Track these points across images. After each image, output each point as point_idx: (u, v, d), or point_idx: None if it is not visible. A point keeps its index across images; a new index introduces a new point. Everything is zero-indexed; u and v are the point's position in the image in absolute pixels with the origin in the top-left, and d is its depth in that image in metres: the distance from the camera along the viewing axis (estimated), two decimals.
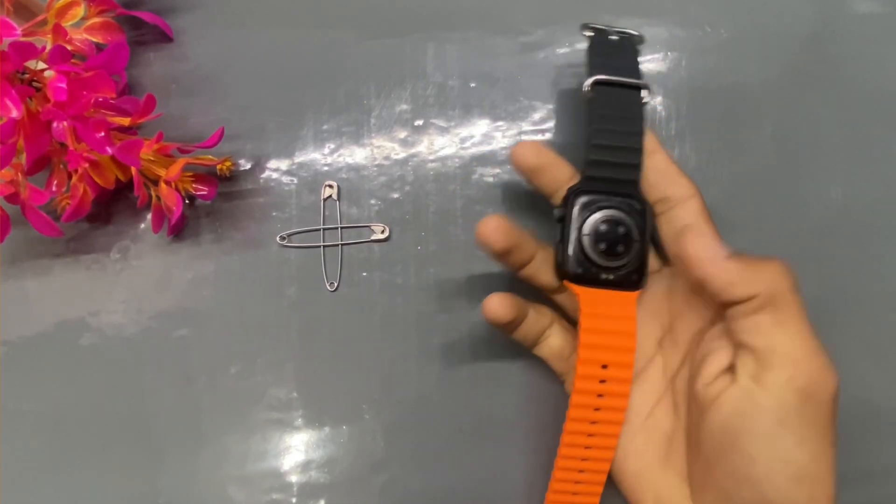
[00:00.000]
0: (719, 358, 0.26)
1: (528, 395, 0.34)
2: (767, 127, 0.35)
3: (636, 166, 0.28)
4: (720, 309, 0.26)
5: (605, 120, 0.28)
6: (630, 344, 0.28)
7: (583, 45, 0.36)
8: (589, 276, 0.28)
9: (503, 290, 0.35)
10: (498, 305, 0.29)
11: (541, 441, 0.33)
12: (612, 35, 0.30)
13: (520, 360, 0.34)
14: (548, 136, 0.35)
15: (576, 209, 0.28)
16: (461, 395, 0.34)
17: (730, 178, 0.34)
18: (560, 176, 0.29)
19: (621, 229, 0.28)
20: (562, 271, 0.29)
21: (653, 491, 0.28)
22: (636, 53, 0.30)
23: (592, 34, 0.30)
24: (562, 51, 0.36)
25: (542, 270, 0.30)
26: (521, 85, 0.35)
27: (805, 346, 0.24)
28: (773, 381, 0.24)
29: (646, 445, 0.29)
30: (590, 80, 0.28)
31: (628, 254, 0.28)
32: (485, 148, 0.35)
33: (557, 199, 0.30)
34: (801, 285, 0.25)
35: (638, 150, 0.28)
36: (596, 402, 0.28)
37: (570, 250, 0.28)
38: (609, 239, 0.28)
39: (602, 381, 0.28)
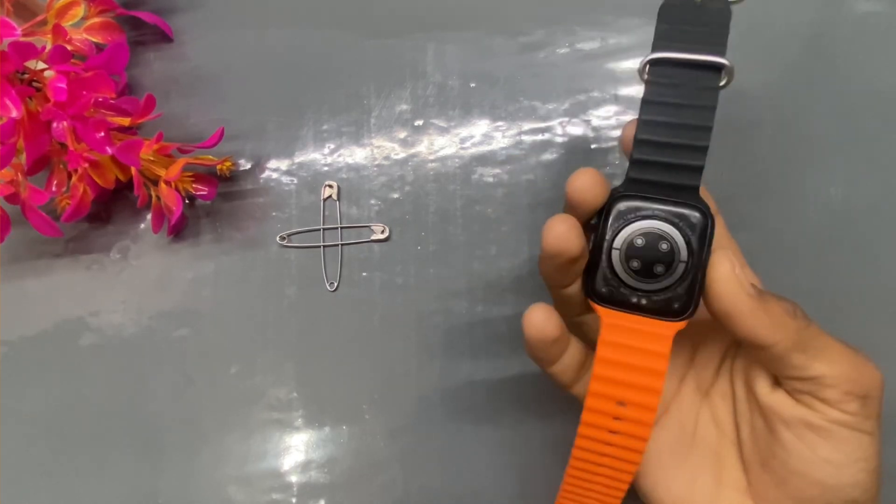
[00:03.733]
0: (765, 377, 0.26)
1: (528, 395, 0.34)
2: (767, 127, 0.35)
3: (696, 169, 0.23)
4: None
5: (657, 109, 0.23)
6: (656, 384, 0.23)
7: (582, 45, 0.36)
8: (617, 297, 0.23)
9: (506, 291, 0.35)
10: (544, 319, 0.24)
11: (541, 441, 0.33)
12: None
13: (520, 359, 0.34)
14: (547, 136, 0.35)
15: (612, 216, 0.23)
16: (461, 395, 0.34)
17: (730, 178, 0.34)
18: None
19: (664, 245, 0.23)
20: (586, 287, 0.24)
21: None
22: (724, 19, 0.23)
23: None
24: (562, 51, 0.36)
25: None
26: (521, 85, 0.35)
27: (845, 360, 0.24)
28: (834, 398, 0.24)
29: (700, 466, 0.27)
30: (646, 59, 0.23)
31: (670, 276, 0.23)
32: (485, 148, 0.35)
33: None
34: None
35: (700, 150, 0.22)
36: (607, 437, 0.24)
37: (598, 264, 0.24)
38: (645, 256, 0.23)
39: (616, 419, 0.24)
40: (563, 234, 0.23)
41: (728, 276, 0.23)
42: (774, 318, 0.23)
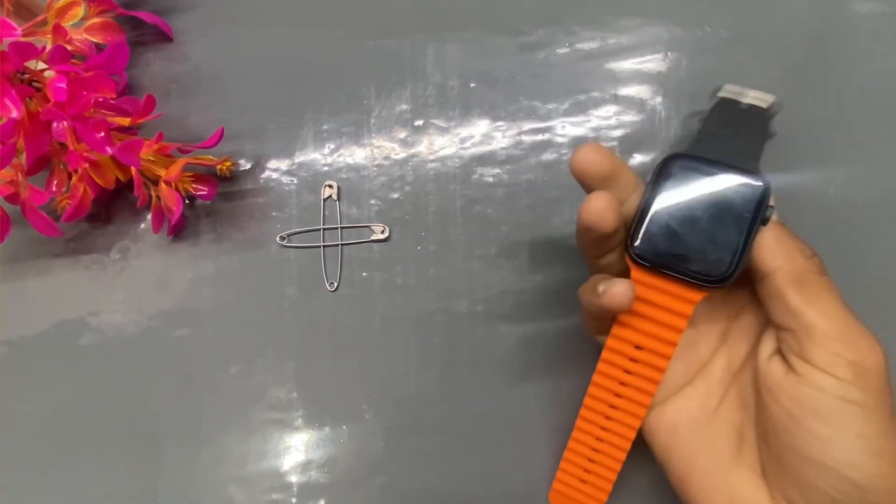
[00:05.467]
0: (771, 343, 0.26)
1: (528, 394, 0.34)
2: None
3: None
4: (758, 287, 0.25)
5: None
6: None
7: (582, 45, 0.36)
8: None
9: (506, 291, 0.35)
10: (604, 207, 0.24)
11: (541, 441, 0.33)
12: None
13: (520, 359, 0.34)
14: (547, 136, 0.35)
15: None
16: (461, 395, 0.34)
17: None
18: (629, 182, 0.26)
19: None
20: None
21: (725, 490, 0.26)
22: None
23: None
24: (562, 51, 0.36)
25: None
26: (521, 85, 0.35)
27: (840, 320, 0.24)
28: (822, 358, 0.23)
29: (716, 440, 0.27)
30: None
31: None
32: (485, 148, 0.35)
33: (627, 208, 0.26)
34: None
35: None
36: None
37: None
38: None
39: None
40: (600, 210, 0.24)
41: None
42: (784, 245, 0.24)
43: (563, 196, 0.35)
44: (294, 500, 0.34)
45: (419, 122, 0.36)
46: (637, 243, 0.24)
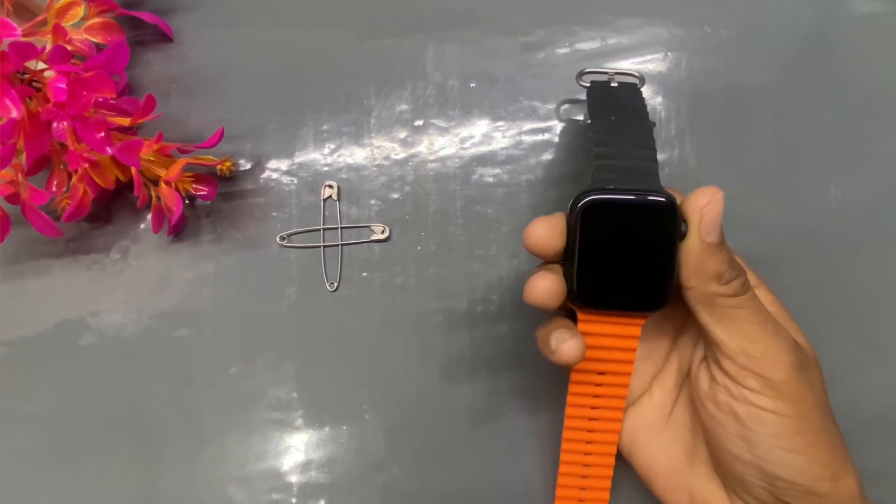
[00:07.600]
0: (701, 350, 0.28)
1: (528, 394, 0.34)
2: (767, 127, 0.35)
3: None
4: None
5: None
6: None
7: (582, 45, 0.36)
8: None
9: (506, 291, 0.35)
10: (547, 288, 0.25)
11: (541, 441, 0.33)
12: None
13: (520, 359, 0.34)
14: (547, 136, 0.35)
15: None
16: (461, 395, 0.34)
17: (730, 178, 0.34)
18: None
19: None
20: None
21: (685, 488, 0.29)
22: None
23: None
24: (562, 51, 0.36)
25: None
26: (521, 85, 0.35)
27: (745, 338, 0.25)
28: (731, 370, 0.25)
29: (672, 443, 0.29)
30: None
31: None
32: (485, 148, 0.35)
33: None
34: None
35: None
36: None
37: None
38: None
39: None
40: (542, 238, 0.25)
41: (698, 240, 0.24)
42: (699, 268, 0.24)
43: (562, 196, 0.35)
44: (294, 500, 0.34)
45: (419, 122, 0.36)
46: (576, 291, 0.25)
